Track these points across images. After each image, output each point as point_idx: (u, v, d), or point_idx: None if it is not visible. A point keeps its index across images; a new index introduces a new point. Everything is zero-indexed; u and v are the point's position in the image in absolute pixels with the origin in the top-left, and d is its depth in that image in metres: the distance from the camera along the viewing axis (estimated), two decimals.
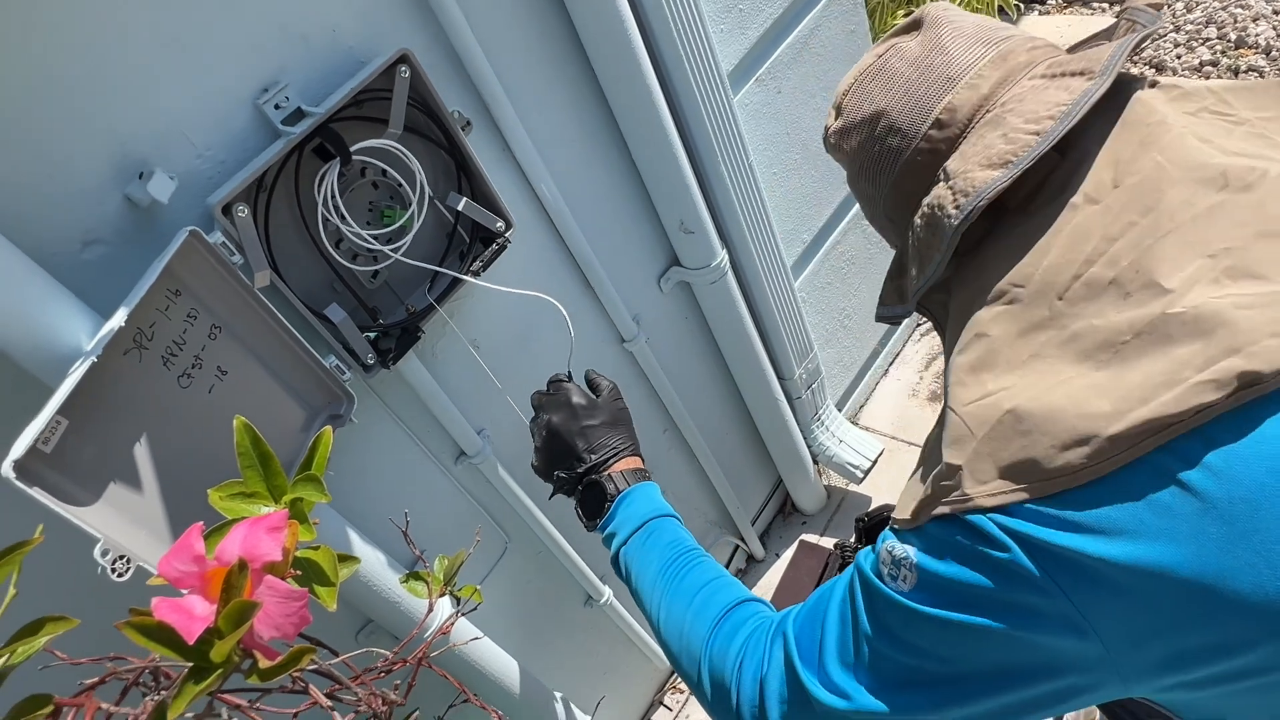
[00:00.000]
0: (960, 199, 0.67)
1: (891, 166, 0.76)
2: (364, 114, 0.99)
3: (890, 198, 0.79)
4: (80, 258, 0.84)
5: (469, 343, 1.23)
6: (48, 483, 0.70)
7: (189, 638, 0.39)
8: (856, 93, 0.80)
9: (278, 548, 0.43)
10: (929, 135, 0.73)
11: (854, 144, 0.80)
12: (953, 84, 0.72)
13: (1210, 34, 2.95)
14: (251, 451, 0.52)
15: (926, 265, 0.72)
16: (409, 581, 0.86)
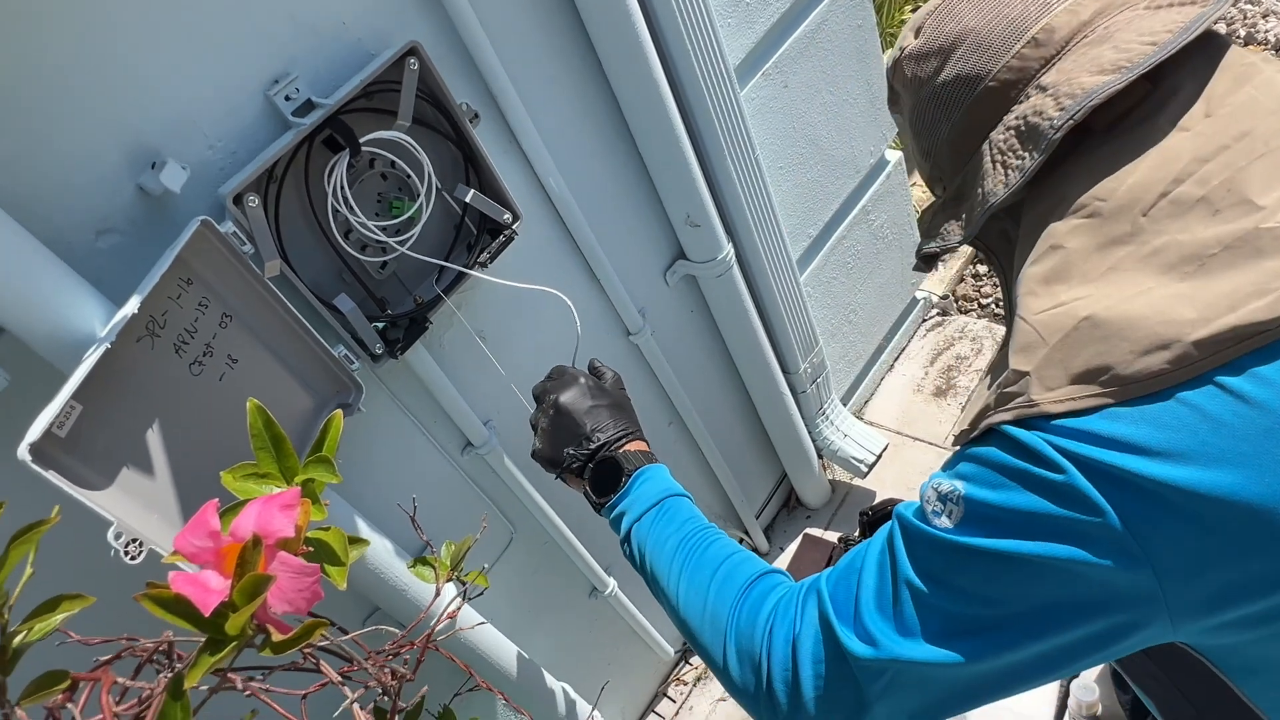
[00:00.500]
0: (1066, 101, 0.65)
1: (970, 89, 0.72)
2: (373, 106, 1.00)
3: (961, 124, 0.75)
4: (94, 246, 0.85)
5: (476, 334, 1.24)
6: (62, 466, 0.72)
7: (205, 610, 0.40)
8: (942, 13, 0.75)
9: (291, 524, 0.44)
10: (1021, 53, 0.69)
11: (929, 69, 0.75)
12: (1050, 8, 0.69)
13: (1220, 30, 2.94)
14: (264, 433, 0.53)
15: (1010, 177, 0.68)
16: (416, 566, 0.87)
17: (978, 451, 0.62)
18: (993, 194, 0.69)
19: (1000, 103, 0.71)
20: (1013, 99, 0.70)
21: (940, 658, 0.62)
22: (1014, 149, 0.68)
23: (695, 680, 2.00)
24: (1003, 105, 0.71)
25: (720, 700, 1.95)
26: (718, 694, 1.96)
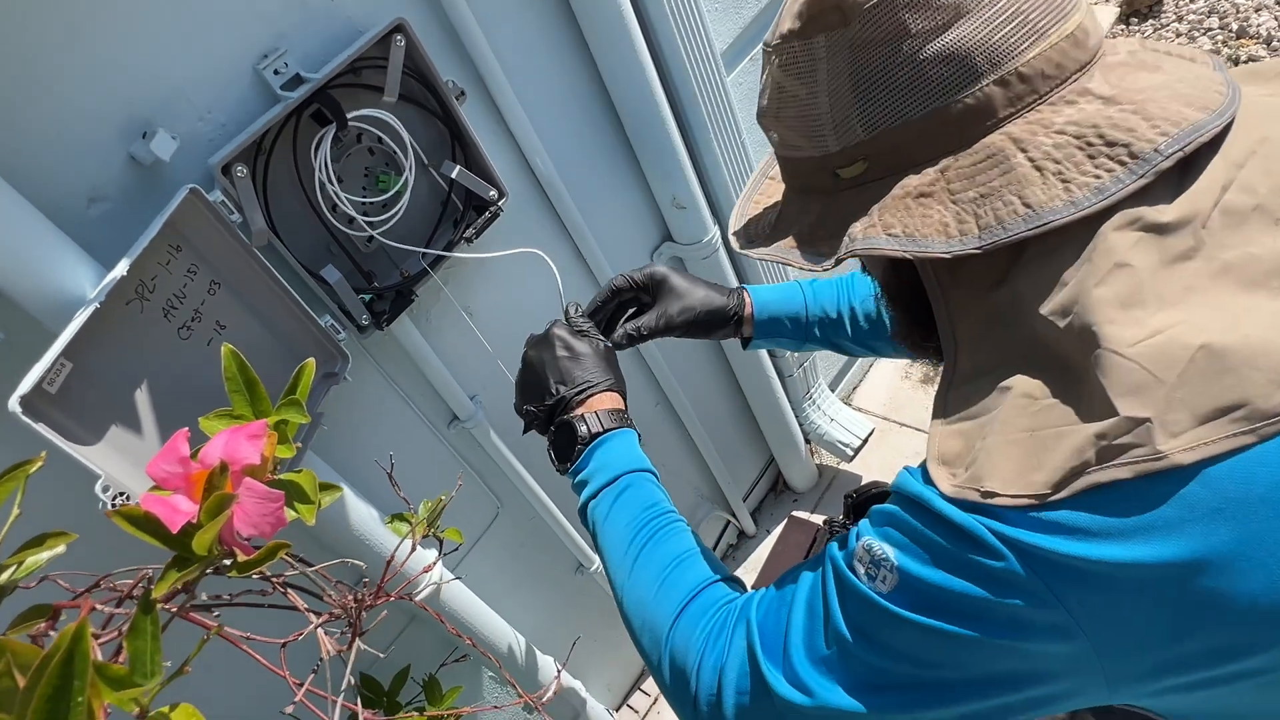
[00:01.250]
0: (1168, 128, 0.56)
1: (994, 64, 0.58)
2: (361, 81, 1.02)
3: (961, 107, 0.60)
4: (86, 213, 0.88)
5: (462, 309, 1.26)
6: (52, 420, 0.74)
7: (172, 527, 0.42)
8: None
9: (256, 452, 0.46)
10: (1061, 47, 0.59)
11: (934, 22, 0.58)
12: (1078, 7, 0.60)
13: (1212, 24, 2.96)
14: (238, 377, 0.56)
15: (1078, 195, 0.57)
16: (393, 522, 0.90)
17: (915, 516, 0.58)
18: (1049, 209, 0.57)
19: (1025, 95, 0.59)
20: (1043, 96, 0.59)
21: (867, 708, 0.61)
22: (1076, 162, 0.57)
23: None
24: (1029, 100, 0.59)
25: None
26: None
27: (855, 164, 0.65)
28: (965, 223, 0.59)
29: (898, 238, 0.61)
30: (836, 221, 0.66)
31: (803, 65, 0.63)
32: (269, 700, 0.92)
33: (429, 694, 1.30)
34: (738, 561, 2.14)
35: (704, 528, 2.04)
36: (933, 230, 0.60)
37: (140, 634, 0.39)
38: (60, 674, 0.30)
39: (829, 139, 0.65)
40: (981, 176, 0.60)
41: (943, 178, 0.61)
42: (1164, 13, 3.10)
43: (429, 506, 0.87)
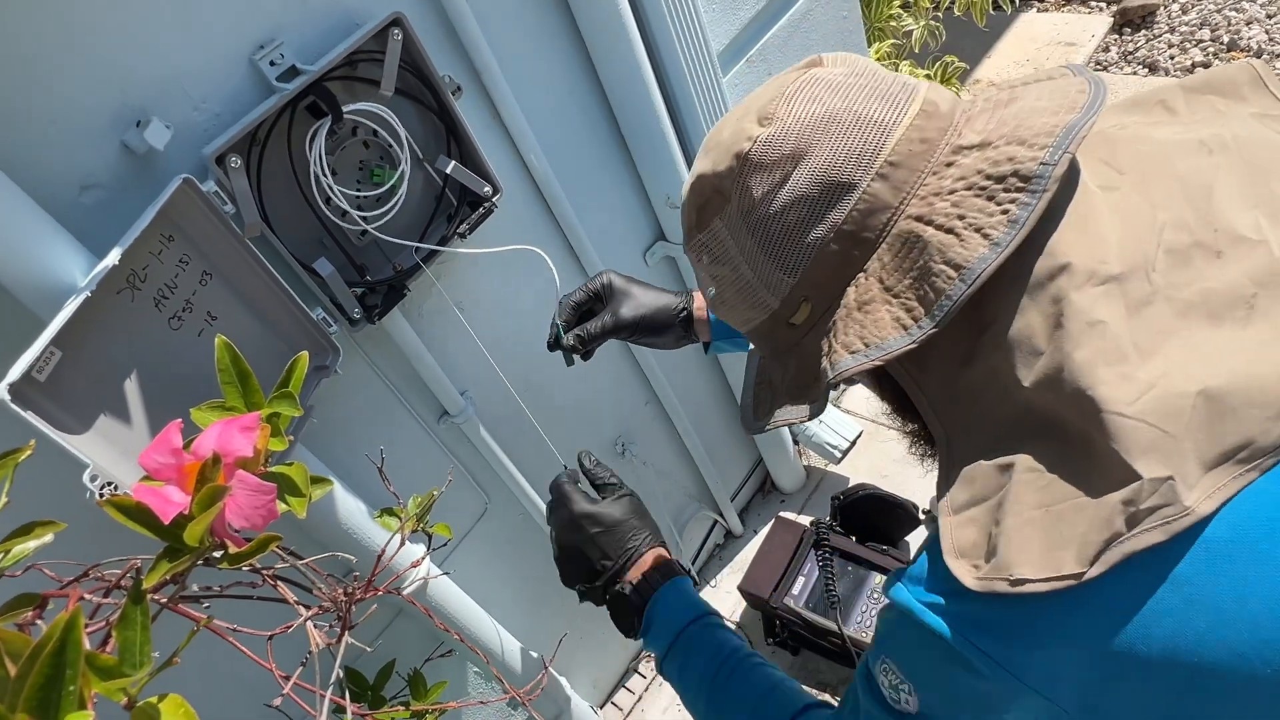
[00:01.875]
0: (1043, 140, 0.58)
1: (860, 172, 0.62)
2: (357, 75, 1.02)
3: (856, 213, 0.62)
4: (78, 201, 0.87)
5: (454, 304, 1.26)
6: (41, 409, 0.74)
7: (164, 518, 0.42)
8: (795, 96, 0.63)
9: (249, 444, 0.46)
10: (918, 124, 0.62)
11: (789, 165, 0.62)
12: (913, 88, 0.64)
13: (1204, 36, 2.98)
14: (231, 368, 0.56)
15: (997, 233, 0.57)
16: (382, 516, 0.90)
17: None
18: (977, 258, 0.57)
19: (908, 179, 0.62)
20: (923, 171, 0.62)
21: None
22: (979, 209, 0.58)
23: None
24: (912, 181, 0.62)
25: None
26: None
27: (801, 307, 0.68)
28: (913, 309, 0.60)
29: (860, 351, 0.62)
30: (811, 365, 0.69)
31: (716, 251, 0.69)
32: (255, 692, 0.92)
33: (414, 689, 1.30)
34: (724, 561, 2.15)
35: (691, 527, 2.05)
36: (888, 330, 0.61)
37: (130, 624, 0.39)
38: (52, 663, 0.31)
39: (767, 298, 0.69)
40: (905, 264, 0.61)
41: (874, 280, 0.63)
42: (1156, 23, 3.13)
43: (418, 502, 0.87)
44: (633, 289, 1.04)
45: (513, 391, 1.33)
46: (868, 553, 1.90)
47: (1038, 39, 3.28)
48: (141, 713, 0.39)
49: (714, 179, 0.67)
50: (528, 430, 1.40)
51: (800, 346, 0.70)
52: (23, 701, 0.30)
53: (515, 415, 1.39)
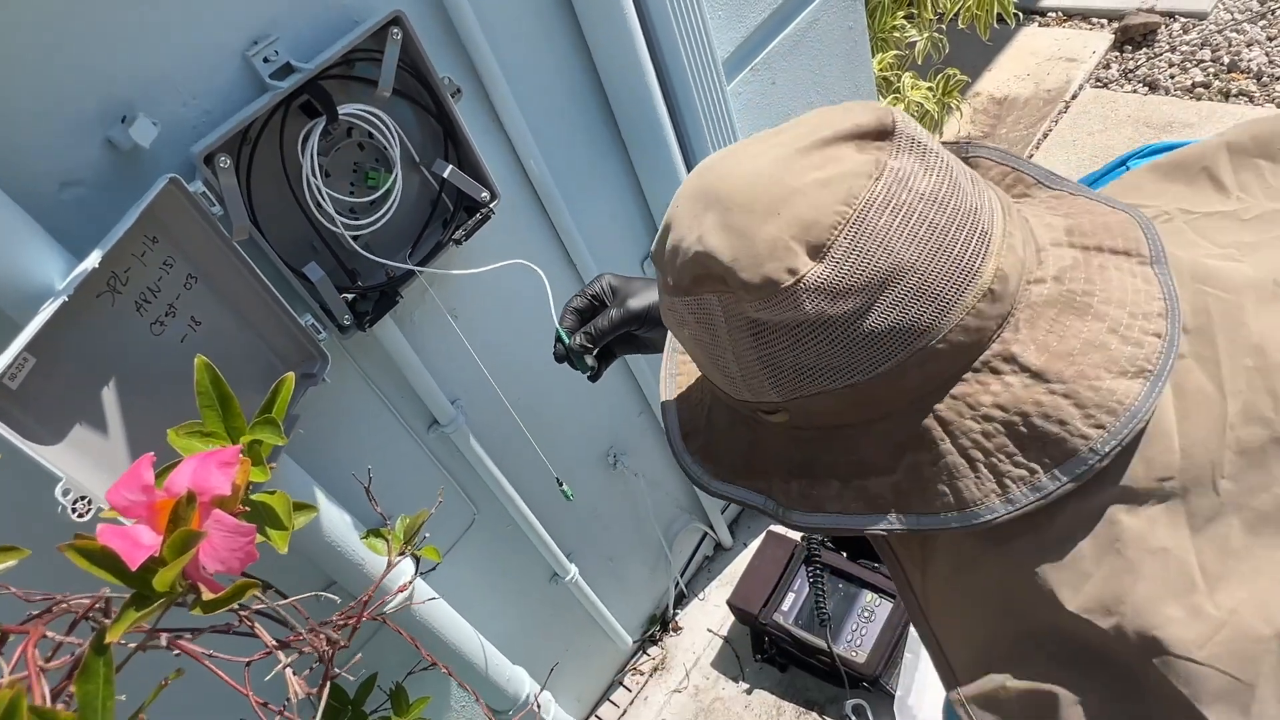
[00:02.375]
0: (1102, 417, 0.50)
1: (906, 344, 0.51)
2: (354, 74, 0.99)
3: (882, 386, 0.53)
4: (57, 198, 0.84)
5: (447, 311, 1.23)
6: (12, 418, 0.70)
7: (132, 564, 0.39)
8: (862, 234, 0.50)
9: (227, 482, 0.43)
10: (977, 309, 0.51)
11: (846, 309, 0.50)
12: (986, 239, 0.52)
13: (1204, 56, 2.98)
14: (211, 391, 0.53)
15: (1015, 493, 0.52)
16: (369, 538, 0.87)
17: None
18: (985, 507, 0.52)
19: (949, 368, 0.53)
20: (965, 366, 0.53)
21: None
22: (1006, 452, 0.52)
23: (652, 670, 2.00)
24: (950, 374, 0.54)
25: (675, 691, 1.95)
26: (672, 685, 1.97)
27: (778, 413, 0.59)
28: (900, 499, 0.55)
29: (821, 513, 0.57)
30: (767, 458, 0.62)
31: (701, 318, 0.56)
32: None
33: (395, 704, 1.27)
34: (714, 574, 2.12)
35: (681, 539, 2.02)
36: (862, 505, 0.56)
37: (92, 677, 0.36)
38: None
39: (743, 391, 0.58)
40: (912, 456, 0.55)
41: (866, 446, 0.56)
42: (1157, 42, 3.12)
43: (406, 523, 0.84)
44: (634, 284, 0.96)
45: (505, 401, 1.30)
46: (859, 570, 1.87)
47: (1039, 53, 3.27)
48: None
49: (728, 274, 0.52)
50: (518, 440, 1.38)
51: (761, 427, 0.62)
52: None
53: (506, 425, 1.36)
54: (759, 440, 0.63)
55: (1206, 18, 3.10)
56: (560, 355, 0.93)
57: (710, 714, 1.90)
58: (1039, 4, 3.47)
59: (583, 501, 1.68)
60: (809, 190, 0.51)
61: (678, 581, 2.05)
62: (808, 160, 0.52)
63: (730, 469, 0.64)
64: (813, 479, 0.58)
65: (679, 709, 1.93)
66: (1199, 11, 3.12)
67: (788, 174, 0.52)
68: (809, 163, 0.52)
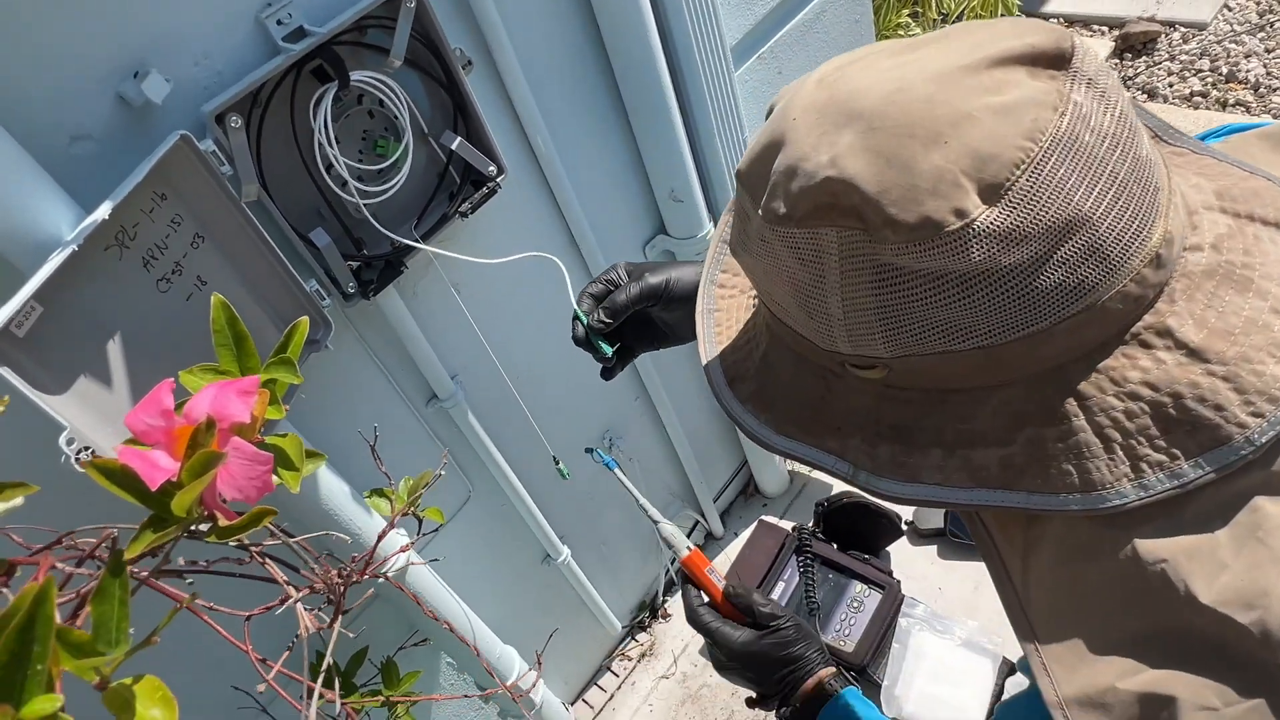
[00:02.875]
0: (1262, 405, 0.45)
1: (1068, 303, 0.46)
2: (366, 41, 0.99)
3: (994, 354, 0.48)
4: (67, 152, 0.83)
5: (451, 284, 1.23)
6: (19, 365, 0.70)
7: (151, 485, 0.39)
8: (1041, 172, 0.44)
9: (247, 410, 0.43)
10: (1141, 274, 0.46)
11: (1017, 259, 0.44)
12: (1157, 195, 0.47)
13: (1203, 66, 3.00)
14: (227, 329, 0.53)
15: (1151, 479, 0.47)
16: (372, 497, 0.87)
17: None
18: (1115, 491, 0.47)
19: (1097, 337, 0.48)
20: (1115, 337, 0.48)
21: None
22: (1150, 435, 0.47)
23: (640, 656, 2.01)
24: (1100, 341, 0.48)
25: (663, 678, 1.96)
26: (660, 671, 1.97)
27: (874, 369, 0.53)
28: (1009, 469, 0.50)
29: (926, 485, 0.52)
30: (845, 414, 0.56)
31: (805, 251, 0.50)
32: (226, 672, 0.89)
33: (386, 677, 1.27)
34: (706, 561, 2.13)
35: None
36: (962, 476, 0.51)
37: (107, 598, 0.36)
38: (19, 639, 0.28)
39: (838, 341, 0.52)
40: (1031, 430, 0.50)
41: (975, 409, 0.51)
42: (1157, 50, 3.14)
43: (410, 483, 0.84)
44: (648, 264, 0.94)
45: (505, 378, 1.30)
46: (849, 561, 1.88)
47: None
48: (115, 695, 0.35)
49: (869, 207, 0.45)
50: (516, 418, 1.38)
51: (841, 381, 0.56)
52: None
53: (504, 402, 1.36)
54: (834, 394, 0.56)
55: (1206, 28, 3.13)
56: (580, 338, 0.89)
57: (697, 700, 1.90)
58: (1041, 9, 3.48)
59: (577, 484, 1.69)
60: (983, 117, 0.44)
61: (668, 569, 2.06)
62: (976, 80, 0.45)
63: (795, 423, 0.58)
64: (909, 445, 0.53)
65: (666, 695, 1.93)
66: (1199, 22, 3.15)
67: (954, 94, 0.44)
68: (978, 83, 0.45)
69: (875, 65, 0.48)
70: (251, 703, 1.07)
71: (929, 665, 1.76)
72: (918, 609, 1.84)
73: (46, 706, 0.27)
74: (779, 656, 0.81)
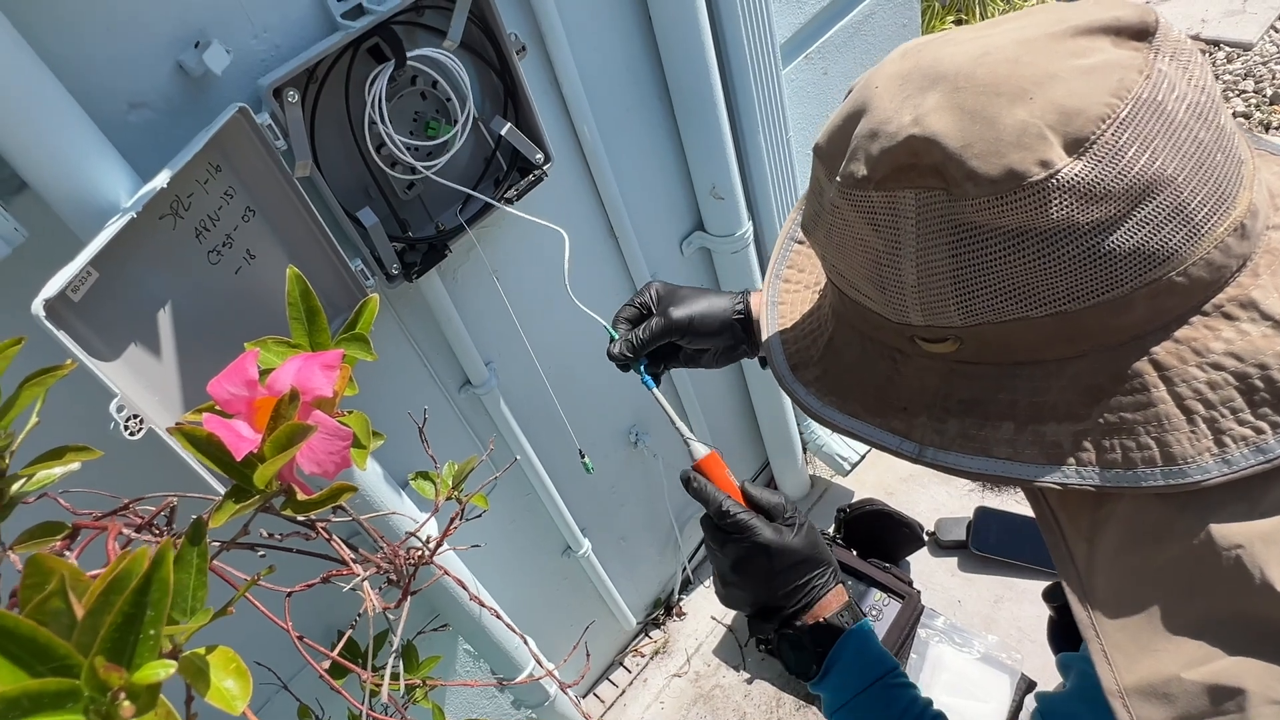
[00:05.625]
0: None
1: (1147, 268, 0.46)
2: (423, 22, 0.98)
3: (1073, 321, 0.48)
4: (125, 119, 0.83)
5: (492, 271, 1.22)
6: (74, 329, 0.70)
7: (236, 454, 0.39)
8: (1127, 129, 0.44)
9: (330, 384, 0.43)
10: (1225, 243, 0.46)
11: (1099, 216, 0.44)
12: (1241, 166, 0.48)
13: (1247, 87, 2.96)
14: (300, 303, 0.52)
15: (1235, 454, 0.46)
16: (417, 479, 0.86)
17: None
18: (1196, 466, 0.46)
19: (1179, 306, 0.47)
20: (1196, 307, 0.47)
21: None
22: (1232, 406, 0.46)
23: (653, 653, 2.00)
24: (1181, 311, 0.48)
25: (675, 676, 1.95)
26: (673, 669, 1.97)
27: (944, 342, 0.53)
28: (1087, 449, 0.49)
29: (984, 456, 0.52)
30: (912, 393, 0.55)
31: (881, 217, 0.50)
32: (255, 650, 0.88)
33: (406, 661, 1.27)
34: None
35: (693, 524, 2.02)
36: (1035, 453, 0.50)
37: (185, 566, 0.36)
38: (134, 600, 0.27)
39: (910, 312, 0.52)
40: (1111, 402, 0.49)
41: (1054, 382, 0.50)
42: None
43: (453, 468, 0.84)
44: (681, 291, 0.91)
45: (539, 368, 1.30)
46: (869, 568, 1.87)
47: None
48: (189, 664, 0.35)
49: (952, 163, 0.45)
50: (546, 409, 1.37)
51: (909, 361, 0.55)
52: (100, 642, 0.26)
53: (535, 392, 1.36)
54: (902, 375, 0.57)
55: (1252, 49, 3.09)
56: (614, 357, 0.90)
57: (709, 700, 1.90)
58: None
59: (601, 477, 1.68)
60: (1069, 76, 0.45)
61: (685, 567, 2.05)
62: (1062, 46, 0.46)
63: (861, 404, 0.58)
64: (981, 419, 0.53)
65: (678, 693, 1.93)
66: (1244, 42, 3.11)
67: (1040, 56, 0.45)
68: (1064, 49, 0.46)
69: (958, 38, 0.49)
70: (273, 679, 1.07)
71: (947, 678, 1.75)
72: (937, 621, 1.83)
73: (160, 672, 0.27)
74: (808, 556, 0.78)
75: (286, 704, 1.10)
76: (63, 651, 0.26)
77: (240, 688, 0.35)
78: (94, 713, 0.26)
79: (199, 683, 0.35)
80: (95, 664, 0.25)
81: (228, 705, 0.34)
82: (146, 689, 0.27)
